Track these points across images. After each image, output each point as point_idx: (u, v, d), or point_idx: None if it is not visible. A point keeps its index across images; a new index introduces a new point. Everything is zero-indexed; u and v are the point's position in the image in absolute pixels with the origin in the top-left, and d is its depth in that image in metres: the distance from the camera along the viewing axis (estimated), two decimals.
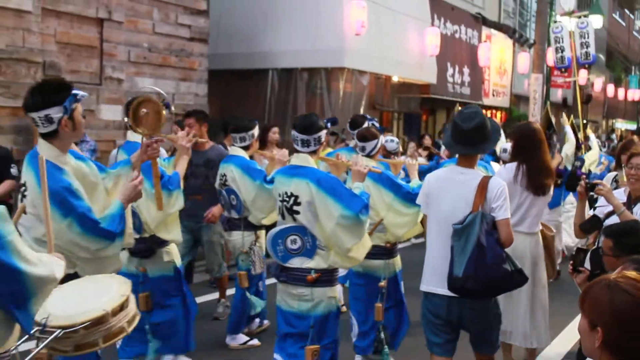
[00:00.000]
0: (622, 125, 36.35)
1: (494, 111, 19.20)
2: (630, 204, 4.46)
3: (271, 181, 4.84)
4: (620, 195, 4.57)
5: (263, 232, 5.50)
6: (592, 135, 10.07)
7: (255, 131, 5.45)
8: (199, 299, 6.63)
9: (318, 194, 3.76)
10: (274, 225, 4.32)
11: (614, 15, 33.59)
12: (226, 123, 8.02)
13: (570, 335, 5.98)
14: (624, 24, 36.49)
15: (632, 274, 2.05)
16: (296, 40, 11.16)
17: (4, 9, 7.08)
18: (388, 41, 12.21)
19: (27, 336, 2.42)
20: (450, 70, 15.24)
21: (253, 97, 11.59)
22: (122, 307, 2.65)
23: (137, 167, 3.77)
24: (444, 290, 3.74)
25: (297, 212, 3.83)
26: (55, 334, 2.44)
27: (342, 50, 11.00)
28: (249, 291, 5.45)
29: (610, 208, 4.37)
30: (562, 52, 15.35)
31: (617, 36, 33.27)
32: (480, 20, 17.06)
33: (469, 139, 3.76)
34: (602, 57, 30.94)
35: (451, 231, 3.69)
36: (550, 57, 18.89)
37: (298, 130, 3.96)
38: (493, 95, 18.33)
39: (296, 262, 3.87)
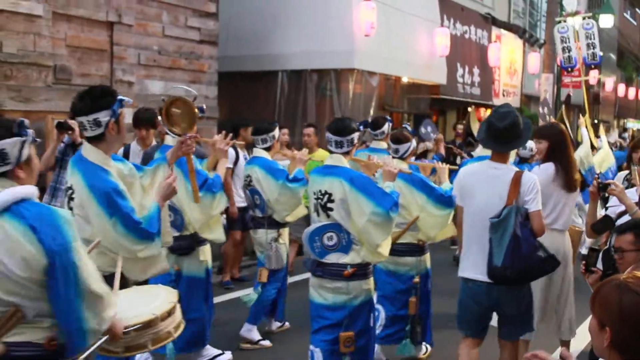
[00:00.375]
0: (633, 125, 36.07)
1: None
2: None
3: (294, 180, 5.32)
4: (633, 195, 4.53)
5: (286, 229, 5.81)
6: (603, 136, 10.03)
7: (276, 133, 5.73)
8: None
9: (351, 192, 4.02)
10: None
11: (625, 14, 33.36)
12: (236, 125, 8.04)
13: (582, 335, 5.92)
14: (635, 23, 36.25)
15: None
16: (305, 42, 11.14)
17: (15, 13, 7.10)
18: (398, 42, 12.17)
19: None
20: (460, 71, 15.17)
21: (263, 98, 11.58)
22: (170, 313, 2.88)
23: (172, 164, 3.94)
24: (483, 277, 4.02)
25: (331, 209, 4.08)
26: (108, 335, 2.55)
27: (352, 51, 10.97)
28: (267, 287, 5.63)
29: (622, 208, 4.33)
30: (569, 52, 15.39)
31: (628, 35, 33.04)
32: (490, 21, 16.97)
33: (503, 137, 4.05)
34: (613, 56, 30.74)
35: (485, 222, 3.96)
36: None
37: (332, 132, 4.23)
38: (503, 95, 18.22)
39: (332, 258, 4.11)
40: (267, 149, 5.67)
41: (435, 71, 13.60)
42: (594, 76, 24.72)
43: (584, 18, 16.44)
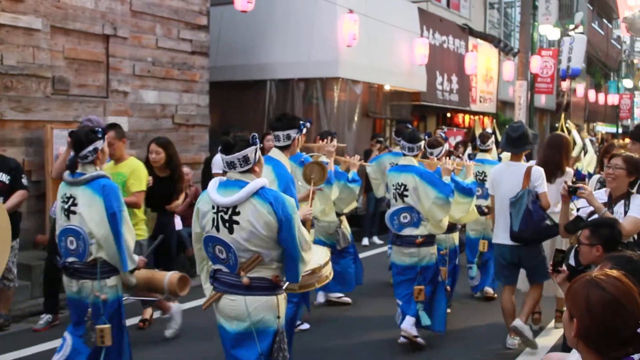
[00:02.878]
0: (602, 128, 36.41)
1: (481, 117, 19.21)
2: (610, 203, 4.48)
3: (352, 181, 6.28)
4: (602, 195, 4.58)
5: (344, 217, 6.84)
6: (587, 140, 10.20)
7: (335, 142, 6.56)
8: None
9: (420, 183, 5.33)
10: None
11: (593, 25, 33.66)
12: (227, 132, 8.03)
13: (556, 330, 5.99)
14: (602, 33, 36.57)
15: (614, 272, 2.08)
16: (292, 53, 11.17)
17: (15, 27, 7.09)
18: (380, 52, 12.23)
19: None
20: (439, 79, 15.26)
21: (252, 106, 11.59)
22: (326, 264, 3.97)
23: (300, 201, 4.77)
24: (507, 241, 5.38)
25: (406, 196, 5.40)
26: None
27: (337, 61, 11.01)
28: (343, 260, 6.66)
29: (593, 208, 4.38)
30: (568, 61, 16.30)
31: (596, 45, 33.33)
32: (467, 31, 17.08)
33: (516, 143, 5.48)
34: (582, 64, 31.00)
35: (508, 202, 5.29)
36: (535, 65, 18.94)
37: (406, 141, 5.53)
38: (480, 101, 18.33)
39: (407, 231, 5.43)
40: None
41: (415, 79, 13.67)
42: (565, 83, 24.95)
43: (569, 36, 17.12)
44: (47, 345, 5.37)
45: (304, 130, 4.71)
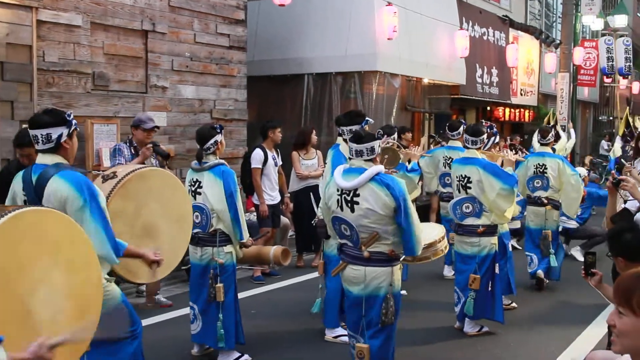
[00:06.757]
0: None
1: (522, 110, 18.85)
2: None
3: (411, 170, 6.37)
4: None
5: None
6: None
7: (395, 135, 6.88)
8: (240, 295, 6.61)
9: (485, 174, 5.47)
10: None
11: (638, 14, 32.70)
12: (265, 127, 7.99)
13: (599, 328, 5.82)
14: None
15: None
16: (330, 46, 11.06)
17: (56, 24, 7.14)
18: (419, 45, 12.04)
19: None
20: (479, 71, 14.99)
21: (290, 101, 11.53)
22: (441, 239, 4.48)
23: None
24: None
25: (469, 187, 5.56)
26: None
27: (375, 54, 10.86)
28: None
29: None
30: (612, 61, 16.48)
31: None
32: (507, 23, 16.74)
33: None
34: None
35: None
36: (578, 57, 18.50)
37: (469, 134, 5.71)
38: (521, 94, 17.97)
39: (469, 221, 5.60)
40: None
41: (455, 72, 13.44)
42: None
43: (621, 36, 17.35)
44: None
45: (366, 125, 5.24)
